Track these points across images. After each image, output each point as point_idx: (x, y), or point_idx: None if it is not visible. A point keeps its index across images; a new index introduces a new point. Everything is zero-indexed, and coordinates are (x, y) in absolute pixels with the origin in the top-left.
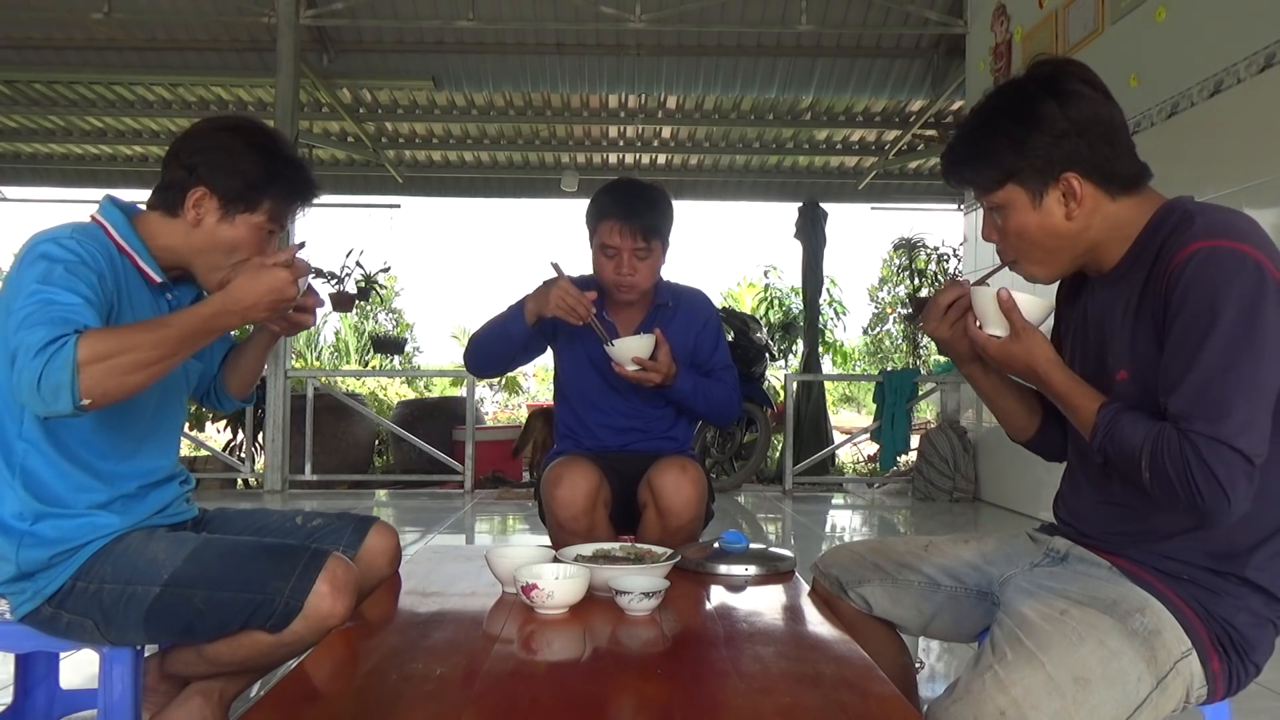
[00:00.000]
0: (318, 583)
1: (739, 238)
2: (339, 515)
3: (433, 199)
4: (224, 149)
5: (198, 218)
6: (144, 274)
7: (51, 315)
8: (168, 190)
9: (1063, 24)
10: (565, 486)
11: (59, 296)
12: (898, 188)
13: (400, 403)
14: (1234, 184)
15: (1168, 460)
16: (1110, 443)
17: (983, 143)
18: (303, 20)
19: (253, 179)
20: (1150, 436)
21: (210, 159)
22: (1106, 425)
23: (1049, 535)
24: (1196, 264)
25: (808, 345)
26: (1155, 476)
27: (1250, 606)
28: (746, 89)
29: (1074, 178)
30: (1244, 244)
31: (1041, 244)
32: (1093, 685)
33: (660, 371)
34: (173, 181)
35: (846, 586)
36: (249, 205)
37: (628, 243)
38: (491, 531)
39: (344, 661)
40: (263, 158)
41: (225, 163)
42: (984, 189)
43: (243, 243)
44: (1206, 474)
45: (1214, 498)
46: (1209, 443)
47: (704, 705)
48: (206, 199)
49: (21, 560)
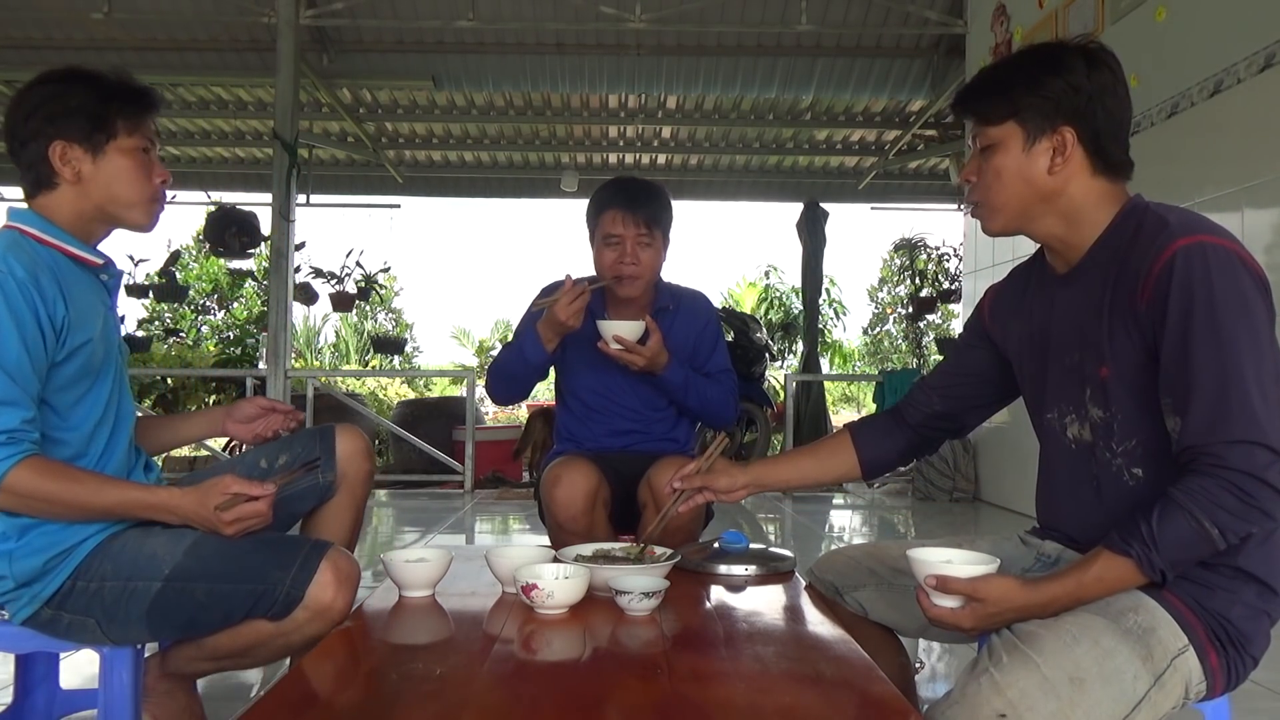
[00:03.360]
0: (319, 572)
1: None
2: (300, 442)
3: (433, 199)
4: (51, 98)
5: (74, 172)
6: (77, 258)
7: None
8: (31, 169)
9: (1063, 24)
10: (564, 487)
11: None
12: (898, 188)
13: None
14: (1234, 184)
15: (1222, 510)
16: (1169, 556)
17: (1004, 75)
18: (303, 20)
19: (90, 107)
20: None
21: (44, 113)
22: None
23: (1040, 539)
24: (1183, 263)
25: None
26: (1226, 533)
27: (1245, 599)
28: (746, 89)
29: (1070, 133)
30: (1222, 239)
31: (1013, 189)
32: (1089, 685)
33: (644, 356)
34: (31, 157)
35: (842, 591)
36: (106, 133)
37: (631, 230)
38: (491, 531)
39: (344, 661)
40: (87, 84)
41: (60, 108)
42: (987, 120)
43: (127, 170)
44: (1259, 485)
45: (1272, 502)
46: (1243, 455)
47: (704, 705)
48: (68, 150)
49: (16, 573)
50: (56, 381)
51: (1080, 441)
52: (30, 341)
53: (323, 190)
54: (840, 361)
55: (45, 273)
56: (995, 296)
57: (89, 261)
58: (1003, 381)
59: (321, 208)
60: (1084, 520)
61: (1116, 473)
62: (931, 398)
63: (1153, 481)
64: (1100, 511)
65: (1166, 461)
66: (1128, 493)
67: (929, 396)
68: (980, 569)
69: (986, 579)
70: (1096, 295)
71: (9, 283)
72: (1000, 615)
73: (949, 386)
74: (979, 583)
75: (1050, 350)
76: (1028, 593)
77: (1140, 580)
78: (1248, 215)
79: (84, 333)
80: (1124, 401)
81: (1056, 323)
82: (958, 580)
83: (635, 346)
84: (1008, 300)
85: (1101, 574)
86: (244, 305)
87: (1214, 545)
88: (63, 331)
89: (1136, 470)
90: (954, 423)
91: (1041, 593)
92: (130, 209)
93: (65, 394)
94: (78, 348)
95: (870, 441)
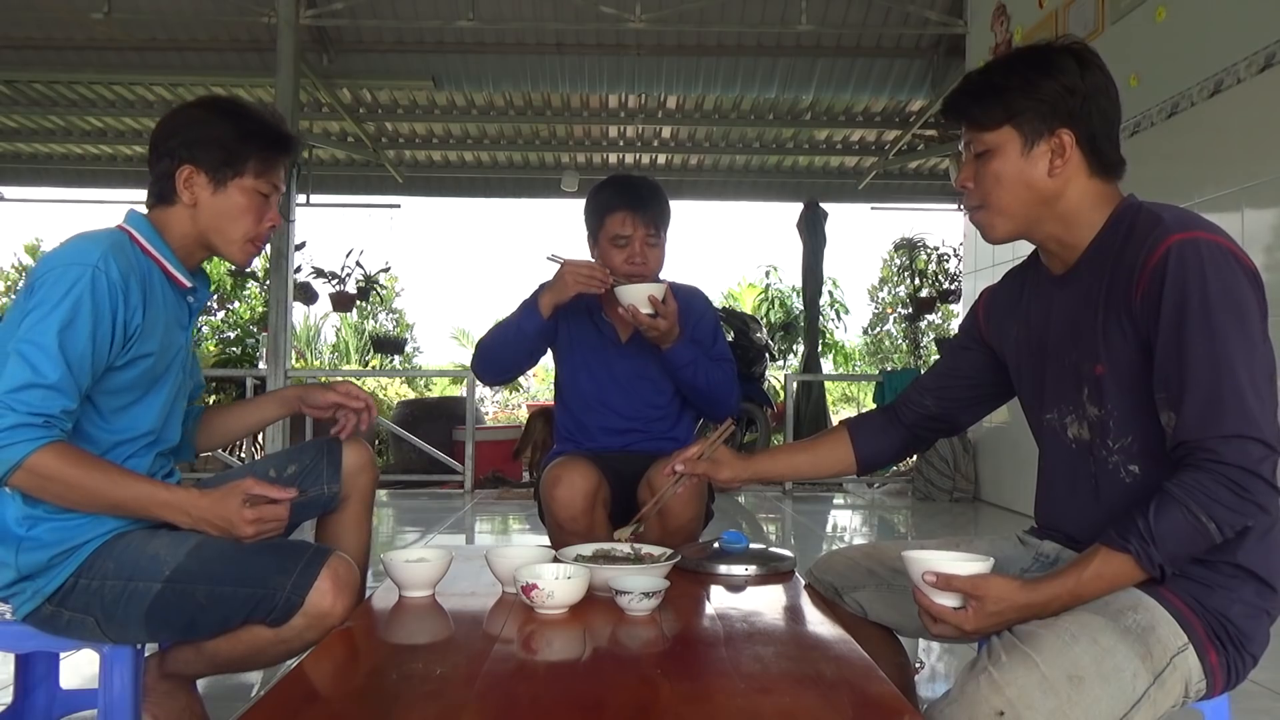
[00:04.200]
0: (319, 579)
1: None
2: (308, 454)
3: (433, 199)
4: (195, 123)
5: (193, 197)
6: (170, 276)
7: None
8: (158, 181)
9: (1063, 24)
10: (564, 487)
11: (50, 369)
12: (898, 188)
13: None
14: (1234, 184)
15: (1218, 505)
16: (1166, 551)
17: (996, 80)
18: (303, 20)
19: (228, 142)
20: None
21: (186, 137)
22: (1147, 550)
23: (1038, 539)
24: (1177, 258)
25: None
26: (1223, 526)
27: (1244, 598)
28: (746, 89)
29: (1068, 135)
30: (1215, 235)
31: (1014, 194)
32: (1087, 683)
33: (668, 320)
34: (160, 172)
35: (841, 592)
36: (234, 169)
37: (640, 231)
38: (491, 531)
39: (344, 661)
40: (233, 120)
41: (200, 135)
42: (982, 126)
43: (240, 208)
44: (1253, 479)
45: (1266, 496)
46: (1237, 450)
47: (704, 705)
48: (194, 175)
49: (21, 564)
50: (109, 385)
51: (1080, 441)
52: (99, 340)
53: (323, 190)
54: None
55: (136, 281)
56: (990, 299)
57: (179, 282)
58: (997, 383)
59: (322, 208)
60: (1082, 519)
61: (1113, 470)
62: (925, 399)
63: (1149, 478)
64: (1098, 510)
65: (1162, 458)
66: (1125, 490)
67: (923, 398)
68: (977, 566)
69: (986, 577)
70: (1092, 294)
71: (101, 280)
72: (1000, 615)
73: (942, 388)
74: (979, 580)
75: (1048, 351)
76: (1028, 592)
77: (1139, 576)
78: (1248, 215)
79: (149, 344)
80: (1119, 399)
81: (1053, 324)
82: (960, 578)
83: (662, 308)
84: (1003, 303)
85: (1100, 570)
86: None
87: (1210, 539)
88: (131, 339)
89: (1133, 467)
90: (947, 423)
91: (1041, 592)
92: (230, 244)
93: (114, 398)
94: (139, 357)
95: (867, 439)
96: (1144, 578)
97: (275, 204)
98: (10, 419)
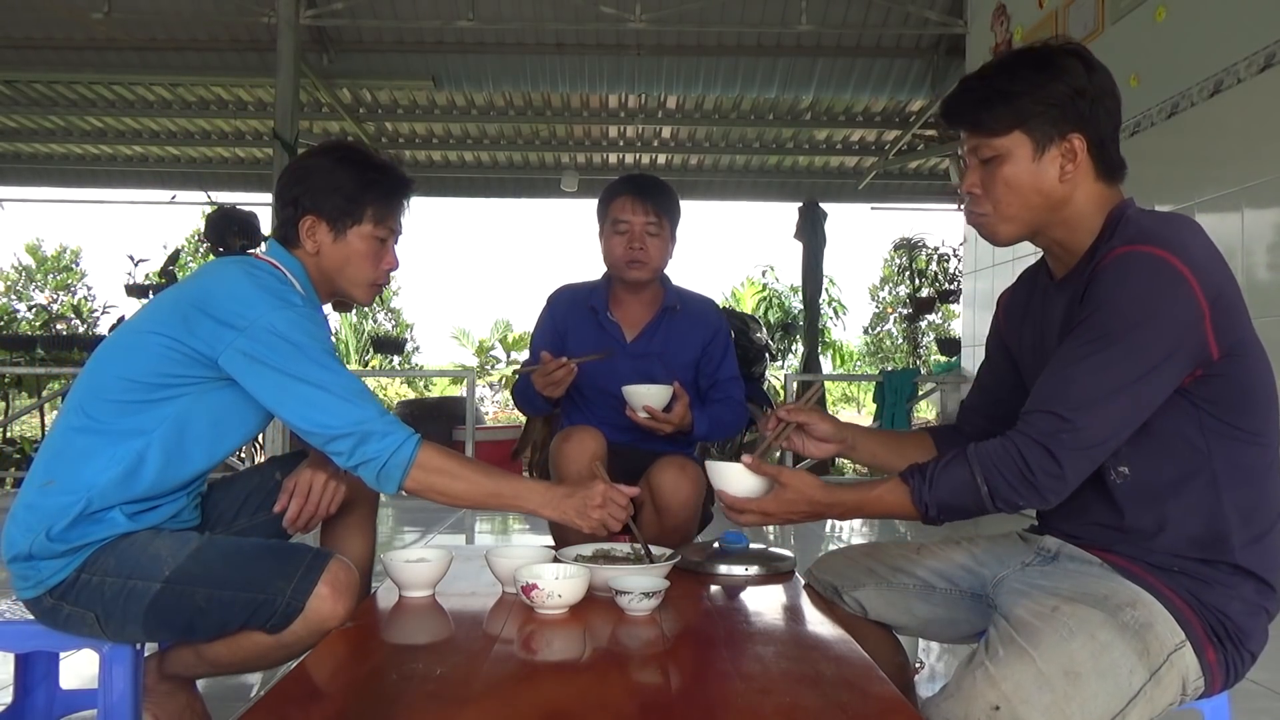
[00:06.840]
0: (319, 584)
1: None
2: None
3: (433, 199)
4: (317, 171)
5: (315, 245)
6: None
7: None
8: (283, 226)
9: (1063, 24)
10: (574, 443)
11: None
12: (898, 188)
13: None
14: (1234, 184)
15: (999, 475)
16: (936, 493)
17: (1002, 85)
18: (303, 20)
19: (349, 191)
20: (972, 468)
21: (308, 186)
22: (922, 489)
23: (1039, 535)
24: (1109, 268)
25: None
26: (996, 497)
27: (1242, 595)
28: (746, 89)
29: (1079, 140)
30: (1163, 249)
31: (1025, 199)
32: (1084, 678)
33: (671, 424)
34: (285, 218)
35: (841, 591)
36: (353, 217)
37: (639, 217)
38: (491, 531)
39: (344, 661)
40: (353, 169)
41: (322, 184)
42: (990, 132)
43: (360, 254)
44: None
45: (1049, 480)
46: (1037, 421)
47: (704, 705)
48: (315, 224)
49: (35, 545)
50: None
51: None
52: None
53: None
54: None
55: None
56: (1007, 303)
57: None
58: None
59: None
60: (1080, 519)
61: (1103, 471)
62: (977, 420)
63: (1138, 479)
64: (1094, 511)
65: (1150, 459)
66: (1115, 491)
67: (975, 419)
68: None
69: (791, 470)
70: (1076, 298)
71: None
72: (793, 504)
73: (988, 405)
74: (784, 470)
75: (1049, 354)
76: (822, 492)
77: (912, 511)
78: (1248, 215)
79: None
80: None
81: (1050, 326)
82: (768, 466)
83: (662, 415)
84: (1018, 305)
85: (883, 495)
86: None
87: (981, 503)
88: None
89: (1122, 469)
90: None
91: (832, 494)
92: (354, 287)
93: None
94: None
95: (946, 445)
96: (916, 515)
97: (392, 247)
98: (393, 423)
